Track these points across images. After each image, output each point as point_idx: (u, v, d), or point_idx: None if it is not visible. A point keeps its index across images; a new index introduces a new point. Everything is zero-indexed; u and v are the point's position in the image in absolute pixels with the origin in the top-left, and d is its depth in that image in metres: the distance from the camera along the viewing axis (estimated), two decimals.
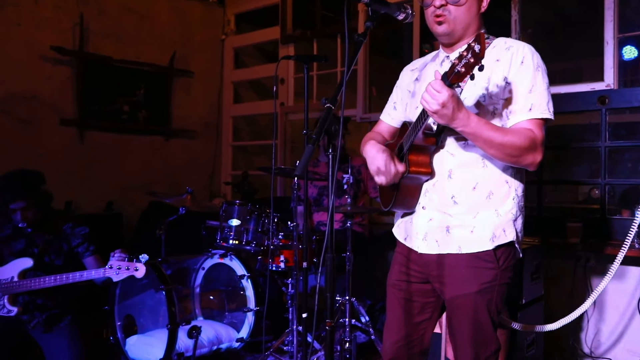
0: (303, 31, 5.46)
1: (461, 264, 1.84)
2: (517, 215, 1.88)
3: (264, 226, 3.48)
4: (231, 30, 6.08)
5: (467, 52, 1.48)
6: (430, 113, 1.63)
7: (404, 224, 2.04)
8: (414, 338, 2.01)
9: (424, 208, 1.91)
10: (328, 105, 1.50)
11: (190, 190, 3.71)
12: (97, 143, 5.06)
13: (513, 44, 1.83)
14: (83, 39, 4.89)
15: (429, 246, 1.90)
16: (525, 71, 1.77)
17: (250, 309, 3.55)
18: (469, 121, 1.65)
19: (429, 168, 1.87)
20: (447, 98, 1.58)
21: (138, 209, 5.15)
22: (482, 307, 1.84)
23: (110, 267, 2.82)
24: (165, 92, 5.55)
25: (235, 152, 6.24)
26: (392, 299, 2.05)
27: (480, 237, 1.83)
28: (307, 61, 2.62)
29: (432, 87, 1.60)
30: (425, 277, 1.95)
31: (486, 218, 1.84)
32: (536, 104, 1.76)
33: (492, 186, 1.84)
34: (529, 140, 1.73)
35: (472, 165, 1.84)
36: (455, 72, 1.51)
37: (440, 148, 1.86)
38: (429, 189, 1.90)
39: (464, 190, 1.85)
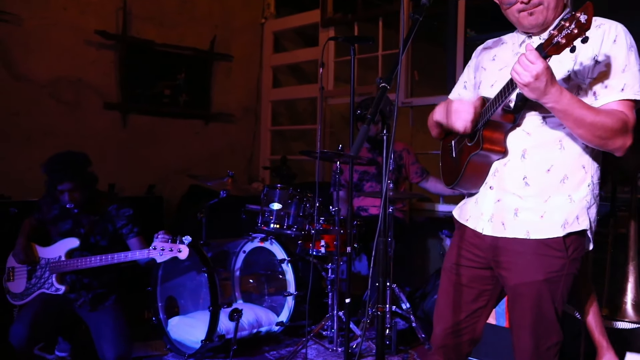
0: (344, 14, 5.39)
1: (528, 250, 1.76)
2: (591, 203, 1.78)
3: (305, 210, 3.46)
4: (271, 14, 6.05)
5: (570, 23, 1.40)
6: (521, 86, 1.56)
7: (467, 204, 1.97)
8: (467, 325, 1.94)
9: (492, 188, 1.84)
10: (383, 85, 1.45)
11: (232, 174, 3.72)
12: (138, 126, 5.12)
13: (604, 22, 1.73)
14: (126, 23, 4.94)
15: (494, 228, 1.82)
16: (618, 50, 1.68)
17: (291, 293, 3.55)
18: (562, 97, 1.57)
19: (503, 147, 1.79)
20: (541, 70, 1.50)
21: (178, 192, 5.21)
22: (547, 297, 1.76)
23: (154, 248, 2.85)
24: (206, 76, 5.57)
25: (274, 137, 6.24)
26: (446, 284, 1.98)
27: (550, 223, 1.74)
28: (354, 42, 2.56)
29: (526, 57, 1.52)
30: (487, 262, 1.88)
31: (558, 203, 1.75)
32: (629, 84, 1.66)
33: (567, 170, 1.75)
34: (621, 122, 1.63)
35: (548, 146, 1.76)
36: (554, 43, 1.43)
37: (516, 126, 1.78)
38: (499, 168, 1.82)
39: (537, 172, 1.76)
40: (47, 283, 3.04)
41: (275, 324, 3.56)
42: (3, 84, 4.33)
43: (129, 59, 4.98)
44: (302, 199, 3.46)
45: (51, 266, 3.04)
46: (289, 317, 3.57)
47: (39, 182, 3.19)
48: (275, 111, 6.27)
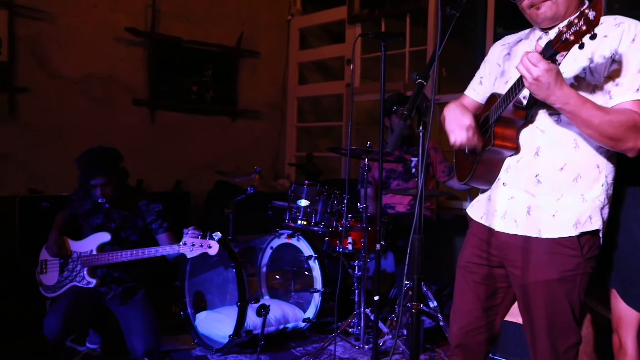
0: (371, 11, 5.36)
1: (541, 249, 1.74)
2: (604, 203, 1.76)
3: (332, 207, 3.46)
4: (297, 10, 6.04)
5: (579, 20, 1.38)
6: (527, 85, 1.55)
7: (480, 202, 1.96)
8: (483, 323, 1.93)
9: (505, 185, 1.82)
10: (420, 81, 1.44)
11: (259, 170, 3.73)
12: (166, 123, 5.17)
13: (624, 20, 1.70)
14: (155, 20, 4.98)
15: (507, 225, 1.80)
16: (636, 49, 1.64)
17: (317, 289, 3.56)
18: (569, 98, 1.55)
19: (515, 143, 1.77)
20: (541, 72, 1.50)
21: (205, 188, 5.24)
22: (562, 296, 1.74)
23: (184, 244, 2.88)
24: (232, 72, 5.60)
25: (299, 134, 6.24)
26: (461, 282, 1.97)
27: (562, 222, 1.72)
28: (385, 39, 2.55)
29: (528, 59, 1.52)
30: (500, 260, 1.87)
31: (571, 202, 1.73)
32: None
33: (581, 169, 1.73)
34: (632, 123, 1.60)
35: (562, 144, 1.73)
36: (563, 40, 1.41)
37: (529, 123, 1.76)
38: (512, 165, 1.81)
39: (550, 170, 1.74)
40: (79, 276, 3.09)
41: (301, 320, 3.57)
42: (36, 80, 4.41)
43: (157, 55, 5.03)
44: (329, 195, 3.46)
45: (83, 260, 3.09)
46: (316, 314, 3.58)
47: (71, 177, 3.25)
48: (301, 108, 6.27)
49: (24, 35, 4.32)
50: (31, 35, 4.36)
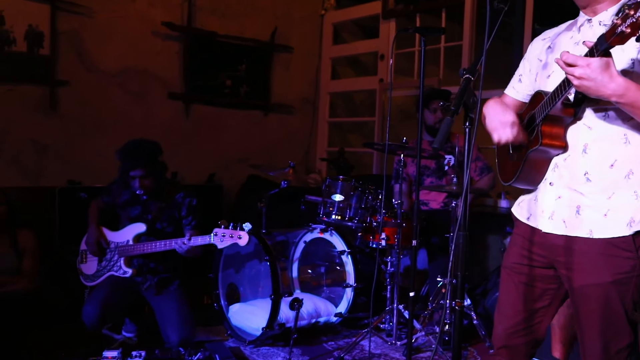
0: (405, 6, 5.32)
1: (593, 250, 1.69)
2: None
3: (366, 203, 3.45)
4: (331, 5, 6.03)
5: (635, 11, 1.32)
6: (575, 85, 1.51)
7: (526, 202, 1.91)
8: (530, 325, 1.89)
9: (552, 184, 1.77)
10: (467, 76, 1.43)
11: (293, 165, 3.75)
12: (200, 116, 5.23)
13: None
14: (190, 14, 5.03)
15: (555, 226, 1.75)
16: None
17: (350, 284, 3.56)
18: (626, 90, 1.48)
19: (563, 141, 1.72)
20: (584, 71, 1.46)
21: (237, 181, 5.29)
22: (616, 299, 1.69)
23: (215, 235, 2.91)
24: (266, 67, 5.63)
25: (331, 129, 6.24)
26: (508, 283, 1.93)
27: (615, 221, 1.66)
28: (425, 34, 2.52)
29: (563, 60, 1.49)
30: (549, 261, 1.82)
31: (623, 200, 1.67)
32: None
33: (633, 165, 1.66)
34: None
35: (612, 140, 1.67)
36: (618, 32, 1.36)
37: (577, 120, 1.71)
38: (559, 163, 1.75)
39: (599, 167, 1.68)
40: (116, 266, 3.16)
41: (333, 314, 3.58)
42: (76, 74, 4.50)
43: (193, 50, 5.09)
44: (364, 191, 3.46)
45: (120, 250, 3.15)
46: (348, 309, 3.58)
47: (108, 169, 3.32)
48: (333, 103, 6.27)
49: (65, 29, 4.41)
50: (72, 29, 4.45)
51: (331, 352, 3.32)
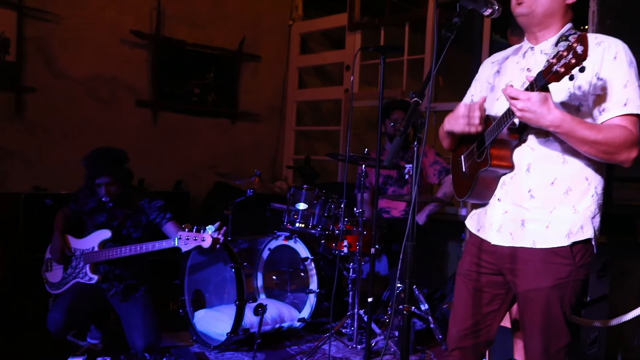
0: (371, 19, 5.47)
1: (536, 258, 1.84)
2: (595, 212, 1.85)
3: (330, 211, 3.56)
4: (298, 16, 6.15)
5: (568, 53, 1.48)
6: (517, 115, 1.66)
7: (477, 215, 2.06)
8: (481, 327, 2.03)
9: (500, 200, 1.92)
10: (415, 100, 1.55)
11: (259, 173, 3.83)
12: (168, 124, 5.28)
13: (604, 39, 1.80)
14: (160, 23, 5.08)
15: (502, 238, 1.91)
16: (620, 66, 1.74)
17: (313, 290, 3.66)
18: (562, 122, 1.64)
19: (510, 162, 1.87)
20: (524, 106, 1.61)
21: (205, 188, 5.35)
22: (556, 302, 1.84)
23: (179, 238, 2.96)
24: (234, 75, 5.71)
25: (298, 137, 6.35)
26: (461, 288, 2.07)
27: (555, 233, 1.82)
28: (384, 52, 2.65)
29: (507, 93, 1.63)
30: (498, 268, 1.97)
31: (562, 214, 1.82)
32: (631, 99, 1.72)
33: (571, 182, 1.83)
34: (624, 137, 1.70)
35: (551, 160, 1.83)
36: (553, 71, 1.51)
37: (522, 142, 1.86)
38: (506, 181, 1.90)
39: (541, 185, 1.84)
40: (82, 273, 3.18)
41: (297, 320, 3.68)
42: (43, 80, 4.50)
43: (161, 58, 5.14)
44: (327, 199, 3.57)
45: (85, 256, 3.18)
46: (311, 314, 3.68)
47: (75, 176, 3.34)
48: (300, 111, 6.38)
49: (32, 36, 4.42)
50: (39, 36, 4.46)
51: (294, 357, 3.42)
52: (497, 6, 1.81)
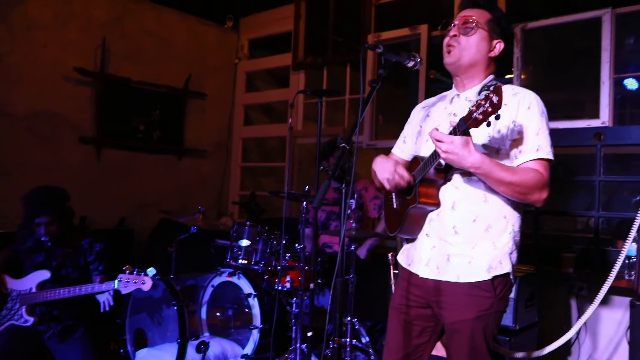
0: (314, 58, 5.66)
1: (460, 292, 1.98)
2: (512, 249, 2.02)
3: (272, 247, 3.63)
4: (244, 55, 6.31)
5: (486, 102, 1.64)
6: (441, 156, 1.81)
7: (407, 250, 2.19)
8: (413, 359, 2.14)
9: (428, 235, 2.06)
10: (343, 145, 1.67)
11: (203, 210, 3.88)
12: (112, 161, 5.26)
13: (520, 90, 2.00)
14: (104, 60, 5.11)
15: (430, 272, 2.04)
16: (533, 115, 1.94)
17: (256, 326, 3.69)
18: (481, 164, 1.80)
19: (437, 200, 2.02)
20: (447, 148, 1.76)
21: (149, 225, 5.32)
22: (479, 333, 1.97)
23: (119, 280, 2.97)
24: (180, 112, 5.77)
25: (244, 173, 6.42)
26: (393, 321, 2.19)
27: (477, 268, 1.97)
28: (322, 95, 2.79)
29: (432, 136, 1.79)
30: (426, 302, 2.09)
31: (484, 249, 1.98)
32: (542, 145, 1.92)
33: (491, 220, 1.99)
34: (536, 180, 1.88)
35: (474, 199, 1.99)
36: (473, 118, 1.67)
37: (447, 181, 2.01)
38: (433, 218, 2.05)
39: (464, 222, 1.99)
40: (17, 315, 3.11)
41: (240, 356, 3.68)
42: None
43: (106, 95, 5.15)
44: (270, 236, 3.64)
45: (22, 297, 3.11)
46: (254, 350, 3.69)
47: (14, 214, 3.29)
48: (246, 148, 6.47)
49: None
50: None
51: None
52: (419, 59, 1.98)
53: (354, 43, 5.71)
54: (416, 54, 1.99)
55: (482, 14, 2.04)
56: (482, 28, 2.02)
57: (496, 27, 2.05)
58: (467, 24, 2.02)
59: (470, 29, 2.01)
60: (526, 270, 3.46)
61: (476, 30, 2.01)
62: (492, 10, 2.07)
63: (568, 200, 4.07)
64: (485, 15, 2.05)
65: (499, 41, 2.05)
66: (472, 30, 2.01)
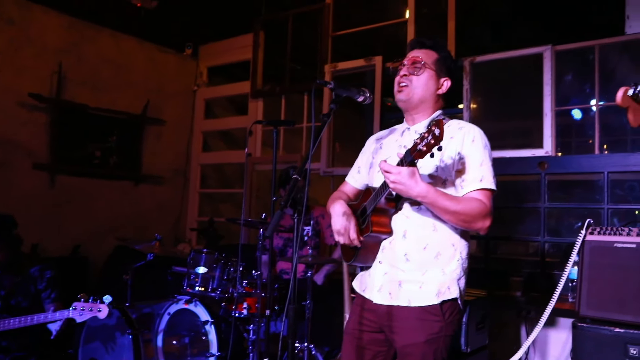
0: (272, 86, 5.76)
1: (411, 316, 2.06)
2: (460, 275, 2.12)
3: (229, 274, 3.65)
4: (203, 82, 6.36)
5: (428, 134, 1.75)
6: (390, 186, 1.91)
7: (362, 277, 2.28)
8: None
9: (381, 262, 2.15)
10: (295, 177, 1.75)
11: (160, 238, 3.88)
12: (67, 187, 5.18)
13: (465, 125, 2.14)
14: (60, 86, 5.08)
15: (382, 297, 2.12)
16: (476, 148, 2.07)
17: (213, 354, 3.68)
18: (427, 193, 1.91)
19: (389, 228, 2.12)
20: (394, 178, 1.87)
21: (104, 253, 5.24)
22: (430, 356, 2.05)
23: (74, 309, 2.94)
24: (137, 139, 5.76)
25: (202, 199, 6.42)
26: (347, 346, 2.25)
27: (427, 293, 2.06)
28: (277, 125, 2.88)
29: (381, 167, 1.89)
30: (379, 326, 2.17)
31: (433, 276, 2.08)
32: (485, 176, 2.04)
33: (440, 247, 2.09)
34: (480, 209, 2.00)
35: (424, 227, 2.09)
36: (418, 150, 1.78)
37: (398, 210, 2.12)
38: (386, 246, 2.14)
39: (415, 250, 2.09)
40: None
41: None
42: None
43: (61, 121, 5.11)
44: (227, 262, 3.67)
45: None
46: None
47: None
48: (205, 174, 6.48)
49: None
50: None
51: None
52: (368, 94, 2.09)
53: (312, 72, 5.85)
54: (366, 90, 2.10)
55: (430, 55, 2.20)
56: (430, 68, 2.17)
57: (443, 66, 2.20)
58: (416, 64, 2.17)
59: (419, 69, 2.16)
60: (478, 294, 3.57)
61: (424, 70, 2.16)
62: (439, 51, 2.23)
63: (519, 225, 4.24)
64: (433, 55, 2.20)
65: (445, 79, 2.20)
66: (420, 70, 2.16)
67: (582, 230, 2.93)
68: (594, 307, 2.82)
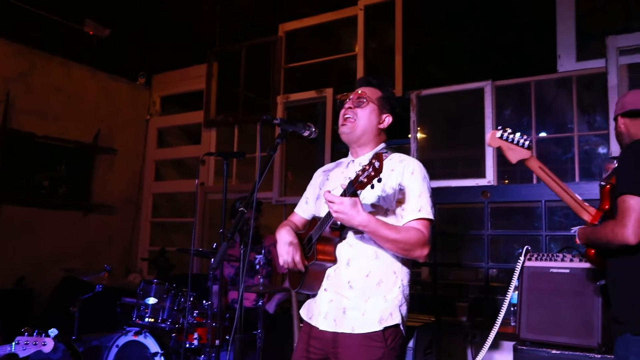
0: (226, 116, 5.81)
1: (355, 343, 2.12)
2: (402, 302, 2.20)
3: (180, 304, 3.64)
4: (156, 111, 6.37)
5: (369, 167, 1.85)
6: (333, 215, 1.99)
7: (308, 304, 2.34)
8: None
9: (326, 290, 2.22)
10: (241, 209, 1.81)
11: (109, 268, 3.83)
12: (12, 217, 5.06)
13: (405, 158, 2.26)
14: (7, 115, 4.99)
15: (328, 324, 2.18)
16: (415, 180, 2.18)
17: None
18: (368, 223, 2.01)
19: (333, 256, 2.19)
20: (337, 208, 1.96)
21: (51, 284, 5.11)
22: None
23: (17, 343, 2.86)
24: (88, 168, 5.69)
25: (154, 228, 6.35)
26: None
27: (370, 320, 2.13)
28: (227, 157, 2.94)
29: (325, 197, 1.97)
30: (325, 354, 2.22)
31: (376, 303, 2.15)
32: (424, 206, 2.15)
33: (382, 275, 2.17)
34: (418, 237, 2.10)
35: (367, 255, 2.17)
36: (359, 181, 1.87)
37: (342, 239, 2.20)
38: (331, 274, 2.21)
39: (358, 277, 2.16)
40: None
41: None
42: None
43: (8, 150, 5.01)
44: (177, 293, 3.65)
45: None
46: None
47: None
48: (156, 203, 6.43)
49: None
50: None
51: None
52: (314, 128, 2.19)
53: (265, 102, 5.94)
54: (311, 125, 2.20)
55: (374, 92, 2.34)
56: (373, 103, 2.30)
57: (386, 104, 2.34)
58: (361, 98, 2.30)
59: (363, 102, 2.29)
60: (426, 319, 3.68)
61: (368, 104, 2.29)
62: (383, 89, 2.37)
63: (467, 252, 4.40)
64: (377, 92, 2.34)
65: (387, 115, 2.33)
66: (364, 104, 2.29)
67: (521, 256, 3.09)
68: (532, 330, 2.97)
